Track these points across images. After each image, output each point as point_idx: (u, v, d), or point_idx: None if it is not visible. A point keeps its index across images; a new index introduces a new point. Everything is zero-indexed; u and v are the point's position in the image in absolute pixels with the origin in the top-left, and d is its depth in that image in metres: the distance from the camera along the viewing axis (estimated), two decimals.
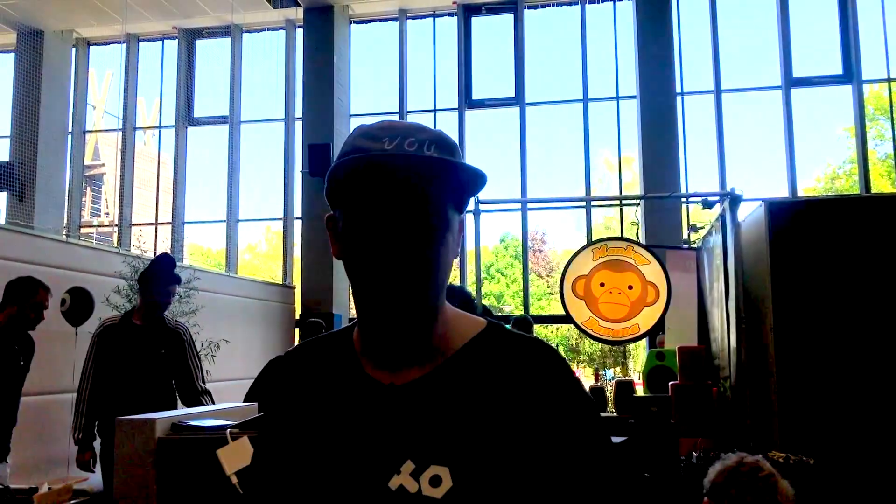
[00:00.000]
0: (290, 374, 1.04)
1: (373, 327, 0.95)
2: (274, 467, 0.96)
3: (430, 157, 0.89)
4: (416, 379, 0.92)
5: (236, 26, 11.29)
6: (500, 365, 0.92)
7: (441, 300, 0.95)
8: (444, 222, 0.92)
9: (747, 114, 10.74)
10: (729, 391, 4.88)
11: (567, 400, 0.90)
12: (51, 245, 5.39)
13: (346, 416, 0.92)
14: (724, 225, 4.86)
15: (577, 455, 0.87)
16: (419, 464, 0.85)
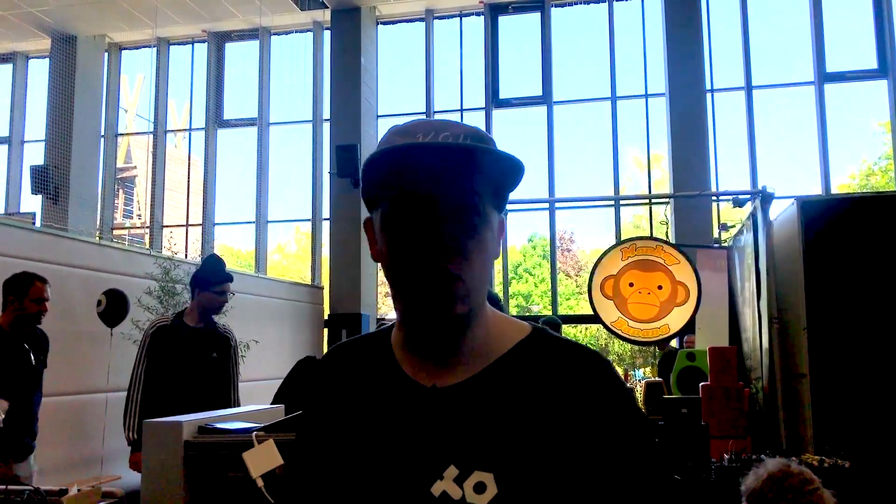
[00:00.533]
0: (328, 375, 1.02)
1: (413, 329, 0.93)
2: (312, 469, 0.95)
3: (465, 144, 0.86)
4: (459, 382, 0.90)
5: (264, 29, 11.38)
6: (547, 371, 0.90)
7: (482, 301, 0.92)
8: (483, 217, 0.89)
9: (779, 110, 10.58)
10: (761, 392, 4.81)
11: (616, 410, 0.88)
12: (83, 247, 5.47)
13: (386, 418, 0.90)
14: (755, 223, 4.79)
15: (623, 467, 0.85)
16: (463, 469, 0.83)
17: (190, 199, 11.90)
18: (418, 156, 0.86)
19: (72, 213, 10.75)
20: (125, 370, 5.32)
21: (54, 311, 4.81)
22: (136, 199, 14.53)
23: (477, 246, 0.88)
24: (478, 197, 0.88)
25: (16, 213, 11.18)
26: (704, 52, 9.83)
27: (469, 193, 0.87)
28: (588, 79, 11.15)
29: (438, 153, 0.86)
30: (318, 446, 0.95)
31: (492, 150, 0.86)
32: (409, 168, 0.86)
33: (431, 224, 0.85)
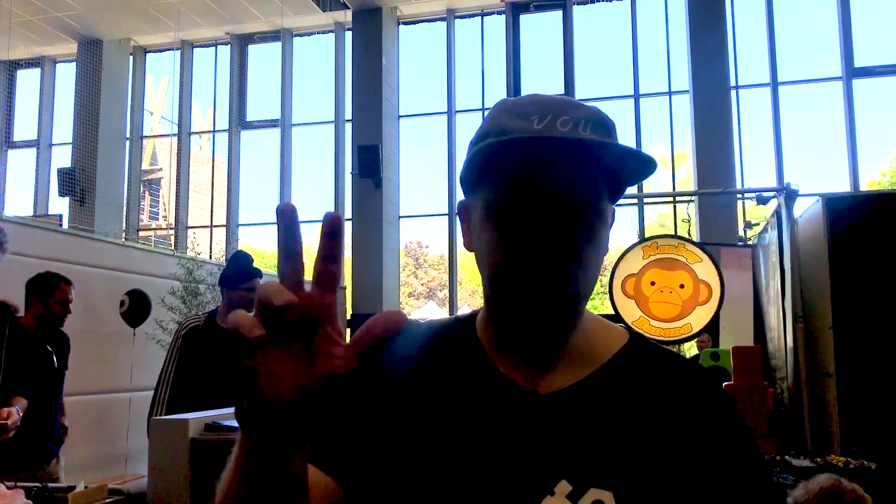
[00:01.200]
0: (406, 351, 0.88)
1: (509, 329, 0.85)
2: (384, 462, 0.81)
3: (588, 139, 0.79)
4: (564, 388, 0.83)
5: (286, 30, 11.45)
6: (655, 381, 0.84)
7: (585, 303, 0.85)
8: (599, 215, 0.82)
9: (806, 106, 10.42)
10: (786, 392, 4.74)
11: (730, 427, 0.82)
12: (108, 248, 5.54)
13: (483, 421, 0.81)
14: (779, 221, 4.72)
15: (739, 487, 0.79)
16: (577, 486, 0.75)
17: (214, 201, 12.01)
18: (531, 147, 0.78)
19: (98, 214, 10.90)
20: (148, 369, 5.38)
21: (79, 311, 4.87)
22: (162, 200, 14.70)
23: (592, 248, 0.81)
24: (598, 193, 0.81)
25: (44, 216, 11.36)
26: (729, 47, 9.71)
27: (590, 192, 0.80)
28: (611, 76, 11.08)
29: (553, 146, 0.78)
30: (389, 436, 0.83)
31: (621, 147, 0.79)
32: (526, 158, 0.79)
33: (547, 222, 0.78)
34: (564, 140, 0.78)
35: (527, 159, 0.78)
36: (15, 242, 4.78)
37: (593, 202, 0.81)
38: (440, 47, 11.08)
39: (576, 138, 0.78)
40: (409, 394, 0.85)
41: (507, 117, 0.82)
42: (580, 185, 0.79)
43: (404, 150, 11.07)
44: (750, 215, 7.81)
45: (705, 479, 0.78)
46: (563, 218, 0.78)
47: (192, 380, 3.81)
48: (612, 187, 0.84)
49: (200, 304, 6.04)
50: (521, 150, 0.78)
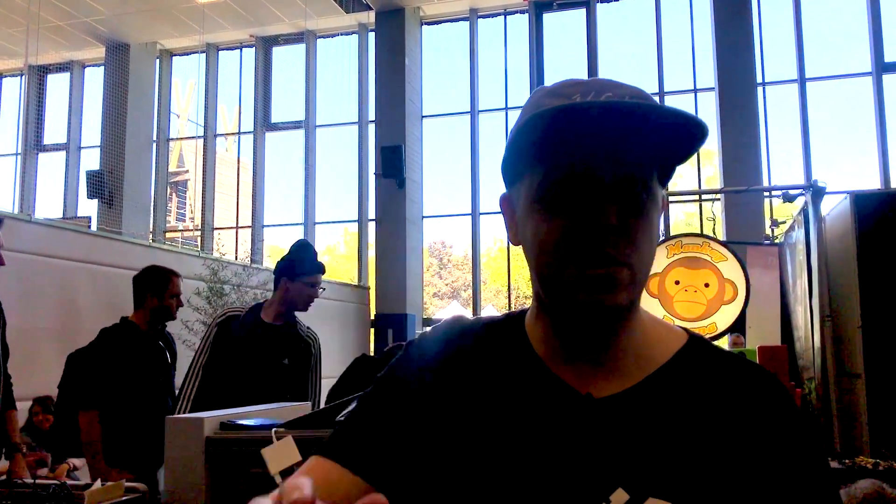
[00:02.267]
0: (450, 349, 0.86)
1: (561, 322, 0.80)
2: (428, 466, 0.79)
3: (637, 103, 0.72)
4: (619, 392, 0.78)
5: (310, 32, 11.52)
6: (717, 387, 0.79)
7: (639, 294, 0.79)
8: (649, 193, 0.75)
9: (834, 102, 10.26)
10: (814, 393, 4.67)
11: (797, 440, 0.77)
12: (135, 249, 5.60)
13: (533, 425, 0.77)
14: (806, 219, 4.65)
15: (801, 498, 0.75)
16: (634, 495, 0.72)
17: (239, 202, 12.11)
18: (577, 119, 0.71)
19: (126, 216, 11.05)
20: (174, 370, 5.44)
21: (107, 311, 4.94)
22: (189, 202, 14.86)
23: (643, 227, 0.75)
24: (649, 170, 0.76)
25: (73, 218, 11.54)
26: (755, 43, 9.59)
27: (638, 165, 0.74)
28: (635, 74, 10.99)
29: (601, 115, 0.71)
30: (431, 433, 0.80)
31: (669, 108, 0.71)
32: (564, 135, 0.72)
33: (593, 201, 0.73)
34: (607, 106, 0.71)
35: (569, 133, 0.72)
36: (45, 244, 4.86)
37: (644, 177, 0.75)
38: (463, 47, 11.08)
39: (620, 103, 0.72)
40: (456, 396, 0.82)
41: (546, 100, 0.76)
42: (628, 158, 0.74)
43: (427, 151, 11.09)
44: (777, 213, 7.71)
45: (767, 493, 0.74)
46: (611, 195, 0.73)
47: (221, 377, 3.34)
48: (662, 167, 0.79)
49: (225, 304, 6.09)
50: (563, 123, 0.72)
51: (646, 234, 0.76)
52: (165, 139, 12.49)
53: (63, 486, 1.53)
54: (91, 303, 4.76)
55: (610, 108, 0.71)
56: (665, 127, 0.72)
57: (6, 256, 2.74)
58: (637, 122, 0.72)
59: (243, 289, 6.32)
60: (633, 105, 0.72)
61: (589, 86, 0.76)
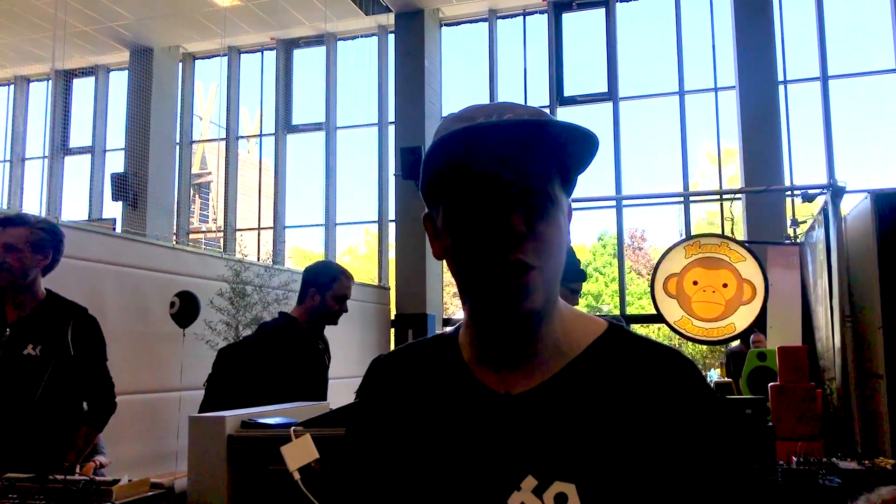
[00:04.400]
0: (393, 377, 0.96)
1: (482, 328, 0.87)
2: (376, 475, 0.89)
3: (531, 119, 0.79)
4: (533, 388, 0.84)
5: (330, 34, 11.60)
6: (627, 372, 0.83)
7: (555, 295, 0.85)
8: (554, 201, 0.82)
9: (857, 100, 10.15)
10: (835, 394, 4.64)
11: (703, 418, 0.81)
12: (159, 251, 5.69)
13: (457, 426, 0.85)
14: (826, 218, 4.62)
15: (709, 480, 0.79)
16: (542, 480, 0.78)
17: (261, 203, 12.22)
18: (480, 137, 0.78)
19: (149, 218, 11.19)
20: (197, 369, 5.50)
21: (131, 312, 5.03)
22: (211, 203, 15.01)
23: (550, 232, 0.81)
24: (549, 179, 0.82)
25: (98, 220, 11.71)
26: (776, 41, 9.52)
27: (539, 175, 0.81)
28: (655, 73, 10.95)
29: (502, 133, 0.78)
30: (378, 450, 0.90)
31: (561, 122, 0.78)
32: (471, 152, 0.80)
33: (499, 210, 0.79)
34: (502, 125, 0.78)
35: (472, 150, 0.79)
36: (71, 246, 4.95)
37: (542, 186, 0.81)
38: (482, 48, 11.10)
39: (514, 121, 0.79)
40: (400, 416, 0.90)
41: (454, 124, 0.82)
42: (529, 169, 0.80)
43: None
44: (799, 213, 7.65)
45: (669, 473, 0.78)
46: (517, 204, 0.79)
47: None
48: (563, 176, 0.85)
49: (248, 305, 6.16)
50: (466, 142, 0.79)
51: (554, 237, 0.82)
52: (188, 142, 12.63)
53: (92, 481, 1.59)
54: (116, 304, 4.85)
55: (507, 126, 0.79)
56: (561, 140, 0.80)
57: None
58: (534, 137, 0.79)
59: (265, 289, 6.38)
60: (527, 122, 0.79)
61: (491, 109, 0.82)
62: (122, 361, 4.19)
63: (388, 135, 11.18)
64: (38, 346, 2.55)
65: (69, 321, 2.66)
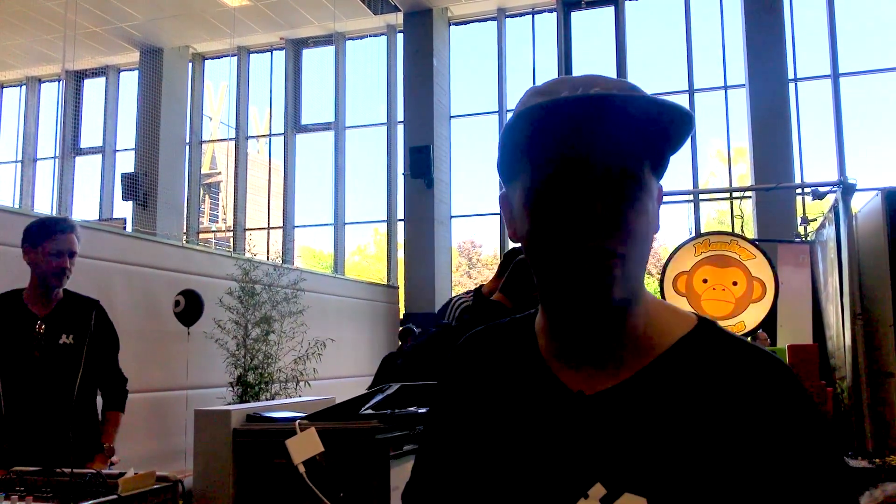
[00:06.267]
0: (463, 365, 0.91)
1: (560, 319, 0.81)
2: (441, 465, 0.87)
3: (622, 95, 0.73)
4: (610, 388, 0.78)
5: (339, 34, 11.61)
6: (715, 376, 0.76)
7: (640, 285, 0.79)
8: (640, 184, 0.75)
9: (869, 98, 10.08)
10: (846, 392, 4.61)
11: (801, 433, 0.73)
12: (169, 250, 5.71)
13: (528, 424, 0.80)
14: (836, 216, 4.59)
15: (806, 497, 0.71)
16: (611, 489, 0.72)
17: (271, 203, 12.26)
18: (564, 113, 0.72)
19: (160, 217, 11.24)
20: (204, 368, 5.53)
21: (141, 310, 5.05)
22: (221, 203, 15.06)
23: (638, 218, 0.75)
24: (638, 160, 0.76)
25: (109, 219, 11.77)
26: (787, 39, 9.47)
27: (627, 155, 0.74)
28: (664, 72, 10.92)
29: (587, 107, 0.72)
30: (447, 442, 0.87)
31: (656, 99, 0.72)
32: (554, 129, 0.73)
33: (584, 194, 0.73)
34: (591, 98, 0.72)
35: (557, 128, 0.73)
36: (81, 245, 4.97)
37: (634, 168, 0.75)
38: (491, 47, 11.09)
39: (603, 94, 0.73)
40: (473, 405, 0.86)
41: (536, 98, 0.76)
42: (616, 149, 0.74)
43: (456, 151, 11.12)
44: (810, 211, 7.60)
45: (765, 490, 0.71)
46: (602, 187, 0.73)
47: None
48: (655, 158, 0.78)
49: (257, 303, 6.18)
50: (549, 118, 0.73)
51: (640, 224, 0.75)
52: (198, 141, 12.68)
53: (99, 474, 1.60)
54: (126, 302, 4.87)
55: (594, 101, 0.72)
56: (652, 118, 0.73)
57: None
58: (622, 113, 0.72)
59: (274, 288, 6.40)
60: (614, 97, 0.72)
61: (578, 81, 0.75)
62: (132, 359, 4.19)
63: (397, 134, 11.19)
64: (70, 335, 2.78)
65: (92, 312, 2.91)
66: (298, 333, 6.45)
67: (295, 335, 6.43)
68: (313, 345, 6.52)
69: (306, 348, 6.47)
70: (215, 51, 12.52)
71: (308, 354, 6.45)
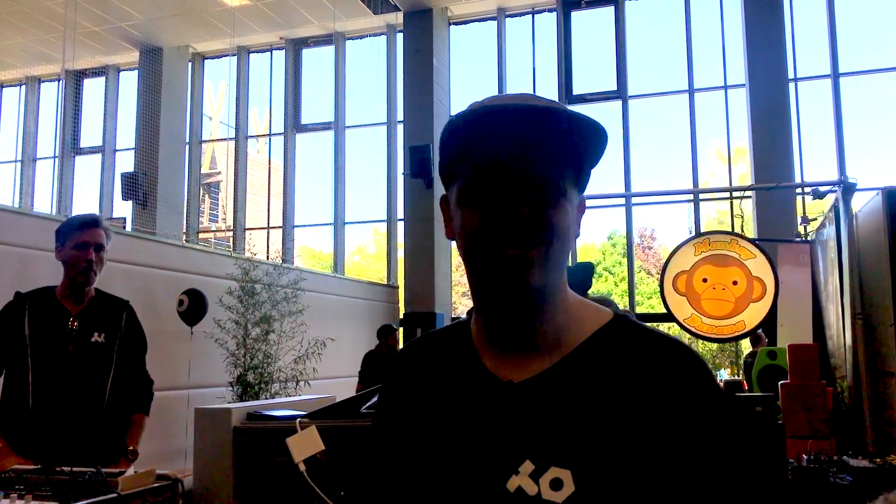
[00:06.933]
0: (406, 367, 1.00)
1: (488, 311, 0.90)
2: (386, 459, 0.94)
3: (545, 106, 0.81)
4: (535, 375, 0.86)
5: (339, 34, 11.61)
6: (629, 362, 0.84)
7: (558, 282, 0.87)
8: (562, 191, 0.84)
9: (869, 97, 10.07)
10: (846, 392, 4.61)
11: (705, 409, 0.81)
12: (169, 249, 5.71)
13: (463, 412, 0.88)
14: (837, 216, 4.59)
15: (710, 471, 0.79)
16: (539, 465, 0.80)
17: (270, 202, 12.25)
18: (493, 122, 0.82)
19: (160, 217, 11.23)
20: (205, 367, 5.53)
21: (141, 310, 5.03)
22: (221, 203, 15.06)
23: (557, 217, 0.83)
24: (559, 170, 0.84)
25: (108, 219, 11.76)
26: (787, 38, 9.46)
27: (547, 164, 0.82)
28: (664, 71, 10.91)
29: (513, 117, 0.81)
30: (393, 437, 0.94)
31: (573, 113, 0.81)
32: (485, 136, 0.82)
33: (509, 194, 0.81)
34: (517, 109, 0.81)
35: (485, 136, 0.82)
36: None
37: (553, 177, 0.83)
38: (491, 46, 11.09)
39: (522, 105, 0.81)
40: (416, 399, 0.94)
41: (469, 109, 0.86)
42: (539, 157, 0.82)
43: None
44: (810, 210, 7.61)
45: (667, 464, 0.78)
46: (524, 189, 0.82)
47: None
48: (576, 170, 0.87)
49: (256, 303, 6.18)
50: (476, 125, 0.83)
51: (560, 222, 0.84)
52: (198, 141, 12.67)
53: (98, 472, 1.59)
54: None
55: (517, 111, 0.82)
56: (572, 132, 0.83)
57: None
58: (543, 125, 0.81)
59: (274, 288, 6.40)
60: (534, 108, 0.81)
61: (510, 98, 0.85)
62: None
63: (397, 134, 11.18)
64: (102, 334, 2.77)
65: (123, 312, 2.92)
66: (298, 333, 6.44)
67: (295, 335, 6.43)
68: (313, 344, 6.52)
69: (306, 348, 6.47)
70: (215, 50, 12.51)
71: (308, 354, 6.45)
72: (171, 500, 1.66)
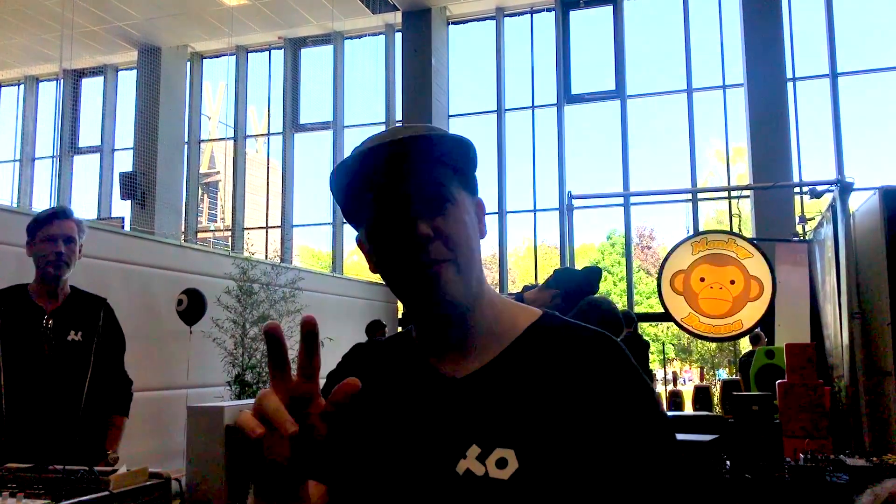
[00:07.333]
0: (357, 364, 1.07)
1: (420, 323, 0.99)
2: (345, 452, 0.96)
3: (403, 137, 0.90)
4: (475, 370, 0.94)
5: (338, 33, 11.61)
6: (557, 352, 0.93)
7: (479, 285, 0.96)
8: (452, 200, 0.92)
9: (867, 97, 10.08)
10: (843, 391, 4.61)
11: (623, 387, 0.91)
12: (167, 249, 5.69)
13: (413, 406, 0.95)
14: (834, 215, 4.60)
15: (632, 440, 0.88)
16: (484, 448, 0.88)
17: (269, 202, 12.25)
18: (372, 161, 0.90)
19: (158, 217, 11.23)
20: (204, 367, 5.52)
21: (139, 309, 5.04)
22: (220, 202, 15.05)
23: (453, 228, 0.91)
24: (444, 183, 0.92)
25: (107, 218, 11.76)
26: (785, 38, 9.47)
27: (430, 182, 0.91)
28: (663, 71, 10.93)
29: (388, 152, 0.90)
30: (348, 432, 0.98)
31: (435, 134, 0.91)
32: (367, 174, 0.91)
33: (403, 218, 0.89)
34: (384, 145, 0.90)
35: (370, 170, 0.91)
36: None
37: (436, 190, 0.91)
38: (489, 46, 11.09)
39: (389, 140, 0.90)
40: (371, 400, 0.98)
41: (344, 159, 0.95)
42: (425, 177, 0.91)
43: None
44: (808, 210, 7.61)
45: (597, 439, 0.87)
46: (419, 211, 0.89)
47: None
48: (461, 178, 0.96)
49: (255, 303, 6.17)
50: (358, 168, 0.92)
51: (459, 232, 0.92)
52: (197, 141, 12.68)
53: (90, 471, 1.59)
54: (124, 301, 4.84)
55: (390, 145, 0.90)
56: (445, 149, 0.93)
57: None
58: (417, 150, 0.90)
59: (272, 287, 6.39)
60: (408, 138, 0.90)
61: (383, 134, 0.93)
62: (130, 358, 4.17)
63: None
64: (78, 332, 2.69)
65: (100, 310, 2.83)
66: (296, 333, 6.42)
67: (293, 334, 6.41)
68: None
69: None
70: (214, 50, 12.52)
71: None
72: (163, 499, 1.66)
